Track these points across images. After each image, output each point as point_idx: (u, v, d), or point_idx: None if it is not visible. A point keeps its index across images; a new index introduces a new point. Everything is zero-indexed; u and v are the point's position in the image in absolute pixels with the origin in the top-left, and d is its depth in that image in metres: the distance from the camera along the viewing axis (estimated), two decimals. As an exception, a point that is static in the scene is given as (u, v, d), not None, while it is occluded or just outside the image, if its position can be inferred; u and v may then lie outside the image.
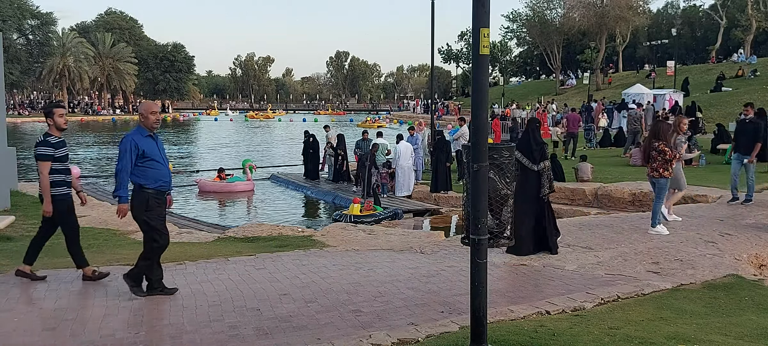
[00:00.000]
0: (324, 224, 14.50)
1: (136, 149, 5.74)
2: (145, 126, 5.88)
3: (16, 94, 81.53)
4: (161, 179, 5.87)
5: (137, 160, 5.75)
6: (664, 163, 9.04)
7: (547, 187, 7.86)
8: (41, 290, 6.03)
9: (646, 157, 9.28)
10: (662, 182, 9.15)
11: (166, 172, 5.99)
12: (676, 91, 40.06)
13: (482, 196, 3.97)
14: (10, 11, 67.51)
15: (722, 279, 6.82)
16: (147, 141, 5.84)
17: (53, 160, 6.24)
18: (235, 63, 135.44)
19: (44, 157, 6.19)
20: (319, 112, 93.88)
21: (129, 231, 10.38)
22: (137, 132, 5.86)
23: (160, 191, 5.87)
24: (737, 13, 61.46)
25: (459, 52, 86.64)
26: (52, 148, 6.26)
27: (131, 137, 5.77)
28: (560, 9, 61.30)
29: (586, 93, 53.16)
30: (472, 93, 3.93)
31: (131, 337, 4.82)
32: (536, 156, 7.81)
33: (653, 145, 9.10)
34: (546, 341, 4.53)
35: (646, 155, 9.27)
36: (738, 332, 5.08)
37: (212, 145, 41.41)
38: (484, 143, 3.92)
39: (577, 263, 7.54)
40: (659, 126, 9.38)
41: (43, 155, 6.19)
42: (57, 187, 6.28)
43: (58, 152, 6.31)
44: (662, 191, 9.21)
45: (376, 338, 4.66)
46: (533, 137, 7.98)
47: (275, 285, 6.37)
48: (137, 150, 5.74)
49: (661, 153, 9.01)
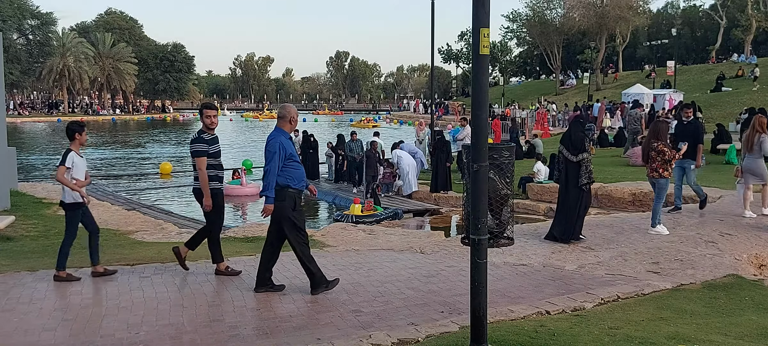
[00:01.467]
0: (324, 224, 14.50)
1: (284, 151, 5.91)
2: (287, 129, 6.08)
3: (16, 94, 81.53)
4: (302, 179, 6.12)
5: (284, 162, 5.93)
6: (663, 163, 9.04)
7: (584, 177, 8.56)
8: (41, 290, 6.03)
9: (646, 158, 9.28)
10: (662, 182, 9.15)
11: (302, 172, 6.22)
12: (677, 91, 40.10)
13: (482, 196, 3.97)
14: (10, 11, 67.46)
15: (722, 279, 6.82)
16: (289, 143, 6.03)
17: (207, 156, 6.52)
18: (235, 63, 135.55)
19: (200, 153, 6.49)
20: (319, 113, 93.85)
21: (129, 231, 10.39)
22: (281, 133, 6.01)
23: (300, 191, 6.11)
24: (737, 13, 61.46)
25: (459, 52, 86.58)
26: (206, 144, 6.55)
27: (279, 139, 5.92)
28: (560, 9, 61.32)
29: (586, 93, 53.21)
30: (472, 93, 3.93)
31: (131, 337, 4.82)
32: (575, 149, 8.56)
33: (653, 145, 9.10)
34: (546, 341, 4.53)
35: (646, 155, 9.28)
36: (738, 332, 5.08)
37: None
38: (484, 143, 3.92)
39: (577, 263, 7.54)
40: (659, 126, 9.37)
41: (198, 151, 6.50)
42: (211, 182, 6.55)
43: (212, 149, 6.61)
44: (662, 191, 9.21)
45: (376, 338, 4.66)
46: (574, 132, 8.79)
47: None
48: (285, 152, 5.91)
49: (660, 153, 9.02)
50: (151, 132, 53.37)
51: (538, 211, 14.00)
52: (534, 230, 9.79)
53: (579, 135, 8.70)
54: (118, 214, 12.49)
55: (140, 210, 14.19)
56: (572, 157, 8.61)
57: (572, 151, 8.64)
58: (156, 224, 11.75)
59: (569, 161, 8.65)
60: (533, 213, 13.99)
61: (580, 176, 8.57)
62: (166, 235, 10.24)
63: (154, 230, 10.75)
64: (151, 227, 11.19)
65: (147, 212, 13.92)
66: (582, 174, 8.56)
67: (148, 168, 27.85)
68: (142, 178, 25.02)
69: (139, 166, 29.12)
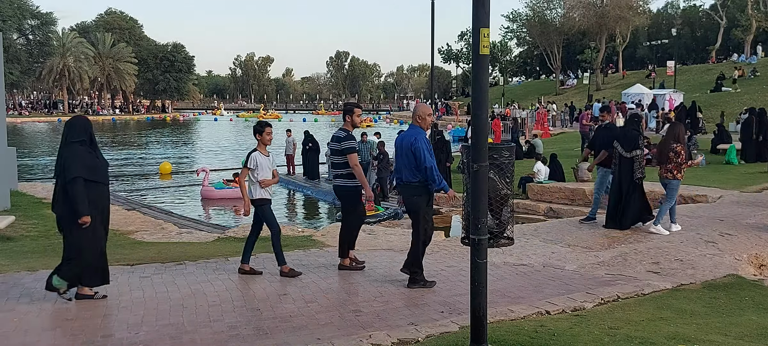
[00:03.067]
0: (324, 224, 14.50)
1: (428, 147, 6.27)
2: (422, 126, 6.38)
3: (16, 94, 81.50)
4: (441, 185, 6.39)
5: None
6: (678, 165, 9.13)
7: (638, 172, 9.34)
8: (41, 291, 6.02)
9: (663, 158, 9.29)
10: (675, 183, 9.22)
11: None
12: (677, 91, 40.10)
13: (482, 196, 3.97)
14: (10, 11, 67.43)
15: (722, 279, 6.82)
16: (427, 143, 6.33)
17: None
18: (235, 63, 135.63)
19: (352, 150, 6.79)
20: (317, 113, 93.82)
21: (129, 231, 10.39)
22: (418, 131, 6.31)
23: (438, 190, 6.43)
24: (737, 13, 61.45)
25: (459, 52, 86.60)
26: (355, 141, 6.98)
27: (422, 138, 6.25)
28: (560, 9, 61.32)
29: (586, 93, 53.20)
30: (472, 93, 3.93)
31: (131, 337, 4.82)
32: (628, 146, 9.31)
33: (672, 146, 9.16)
34: (546, 341, 4.53)
35: (663, 156, 9.30)
36: (738, 332, 5.08)
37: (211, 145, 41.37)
38: (484, 143, 3.92)
39: (577, 263, 7.54)
40: (678, 128, 9.51)
41: (352, 148, 6.81)
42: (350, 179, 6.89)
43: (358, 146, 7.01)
44: (674, 192, 9.29)
45: (376, 338, 4.66)
46: (628, 130, 9.65)
47: (275, 285, 6.37)
48: (428, 148, 6.26)
49: (678, 155, 9.08)
50: (151, 132, 53.34)
51: (538, 211, 14.00)
52: (534, 230, 9.79)
53: (633, 133, 9.43)
54: (118, 214, 12.48)
55: (140, 210, 14.19)
56: (626, 153, 9.34)
57: (626, 147, 9.34)
58: (156, 224, 11.75)
59: (623, 157, 9.37)
60: (533, 213, 13.98)
61: (635, 171, 9.32)
62: (166, 235, 10.24)
63: (154, 230, 10.74)
64: (151, 227, 11.19)
65: (147, 212, 13.92)
66: (636, 169, 9.32)
67: (149, 168, 27.85)
68: (142, 178, 25.04)
69: (140, 166, 29.13)
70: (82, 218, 5.47)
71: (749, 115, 20.44)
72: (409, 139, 6.26)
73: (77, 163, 5.51)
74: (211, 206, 18.03)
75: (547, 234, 9.37)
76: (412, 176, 6.26)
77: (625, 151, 9.33)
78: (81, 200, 5.46)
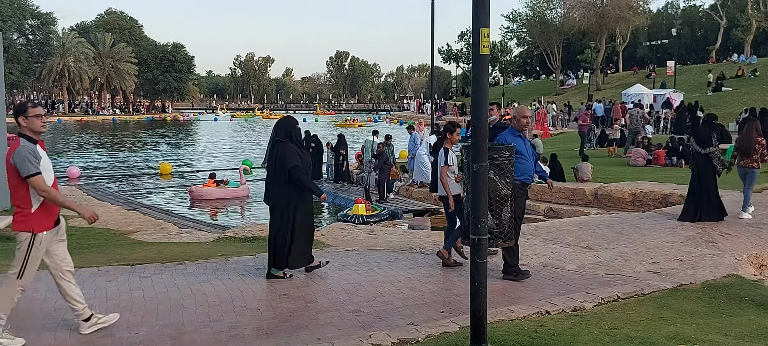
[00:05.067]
0: (324, 224, 14.50)
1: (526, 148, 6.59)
2: (517, 127, 6.77)
3: (16, 94, 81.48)
4: (526, 172, 6.76)
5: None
6: (761, 156, 10.26)
7: (719, 166, 10.06)
8: (41, 291, 6.02)
9: (747, 151, 10.29)
10: (756, 171, 10.34)
11: (530, 167, 6.86)
12: (677, 91, 40.12)
13: (482, 196, 3.96)
14: (10, 11, 67.40)
15: (722, 279, 6.82)
16: (517, 140, 6.65)
17: None
18: (235, 63, 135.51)
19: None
20: (316, 113, 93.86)
21: (129, 231, 10.39)
22: (510, 132, 6.71)
23: (524, 183, 6.77)
24: (737, 13, 61.47)
25: (459, 52, 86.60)
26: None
27: (504, 136, 6.62)
28: (560, 9, 61.33)
29: (586, 93, 53.22)
30: (472, 93, 3.93)
31: (131, 337, 4.82)
32: (703, 143, 9.98)
33: (755, 139, 10.22)
34: (546, 341, 4.53)
35: (747, 149, 10.29)
36: (738, 332, 5.08)
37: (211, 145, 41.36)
38: (484, 143, 3.91)
39: (577, 263, 7.54)
40: (756, 124, 10.57)
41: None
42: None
43: None
44: (754, 179, 10.36)
45: (376, 338, 4.66)
46: (702, 128, 10.36)
47: (275, 285, 6.37)
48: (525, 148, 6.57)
49: (762, 147, 10.17)
50: (151, 132, 53.34)
51: (538, 211, 14.00)
52: (534, 230, 9.79)
53: (707, 131, 10.17)
54: (118, 214, 12.49)
55: (140, 210, 14.19)
56: (701, 150, 10.03)
57: (701, 145, 10.05)
58: (156, 224, 11.74)
59: (698, 153, 10.12)
60: (533, 213, 13.97)
61: (716, 166, 10.11)
62: (166, 235, 10.24)
63: (154, 230, 10.74)
64: (151, 227, 11.18)
65: (147, 212, 13.92)
66: (716, 164, 10.09)
67: (149, 168, 27.85)
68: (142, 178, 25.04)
69: (140, 166, 29.14)
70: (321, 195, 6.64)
71: (749, 115, 20.46)
72: (501, 139, 6.66)
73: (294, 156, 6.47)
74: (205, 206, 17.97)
75: (547, 234, 9.37)
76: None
77: (701, 147, 10.02)
78: (308, 180, 6.50)
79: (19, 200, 4.53)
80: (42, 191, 4.49)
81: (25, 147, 4.50)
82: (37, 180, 4.45)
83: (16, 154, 4.45)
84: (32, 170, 4.43)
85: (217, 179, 19.41)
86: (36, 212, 4.55)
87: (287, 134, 6.64)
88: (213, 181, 19.21)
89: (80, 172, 24.19)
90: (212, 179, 19.33)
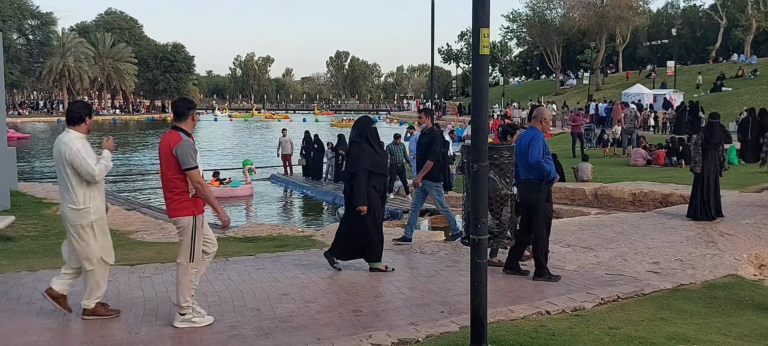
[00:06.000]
0: (324, 224, 14.50)
1: (545, 147, 6.71)
2: (543, 129, 6.86)
3: (16, 94, 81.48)
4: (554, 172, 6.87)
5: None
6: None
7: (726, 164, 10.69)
8: (41, 290, 6.02)
9: None
10: None
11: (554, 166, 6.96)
12: (677, 91, 40.12)
13: (482, 196, 3.96)
14: (10, 11, 67.40)
15: (722, 279, 6.82)
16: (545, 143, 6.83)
17: None
18: (235, 63, 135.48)
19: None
20: (316, 113, 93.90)
21: (129, 231, 10.39)
22: (536, 132, 6.77)
23: (553, 182, 6.88)
24: (737, 13, 61.45)
25: (459, 52, 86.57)
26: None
27: (540, 137, 6.74)
28: (560, 9, 61.30)
29: (586, 93, 53.21)
30: (472, 93, 3.93)
31: (131, 337, 4.82)
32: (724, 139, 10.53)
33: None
34: (546, 341, 4.53)
35: None
36: (738, 332, 5.08)
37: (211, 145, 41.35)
38: (484, 143, 3.91)
39: (577, 263, 7.54)
40: None
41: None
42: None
43: None
44: None
45: (376, 338, 4.66)
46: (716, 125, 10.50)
47: (275, 285, 6.37)
48: (545, 148, 6.70)
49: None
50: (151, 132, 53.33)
51: (538, 211, 13.99)
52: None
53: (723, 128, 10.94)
54: (118, 214, 12.48)
55: (140, 210, 14.19)
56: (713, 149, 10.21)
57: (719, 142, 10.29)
58: (156, 224, 11.74)
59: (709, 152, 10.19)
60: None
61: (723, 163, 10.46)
62: (166, 235, 10.23)
63: (154, 230, 10.74)
64: (151, 227, 11.18)
65: (147, 212, 13.92)
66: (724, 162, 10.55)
67: (149, 168, 27.84)
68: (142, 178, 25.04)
69: (140, 166, 29.13)
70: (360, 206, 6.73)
71: (749, 115, 20.45)
72: (526, 138, 6.74)
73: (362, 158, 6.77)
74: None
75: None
76: (529, 173, 6.67)
77: (712, 147, 10.17)
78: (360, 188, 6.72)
79: (177, 188, 4.95)
80: (197, 183, 4.91)
81: (188, 142, 4.94)
82: (195, 173, 4.89)
83: (180, 147, 4.87)
84: (192, 164, 4.88)
85: (220, 178, 19.45)
86: (193, 197, 4.99)
87: (362, 134, 6.95)
88: (216, 179, 19.20)
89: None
90: (215, 178, 19.33)
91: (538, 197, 6.68)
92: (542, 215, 6.68)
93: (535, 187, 6.67)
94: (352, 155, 6.92)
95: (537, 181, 6.67)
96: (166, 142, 4.93)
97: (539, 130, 6.83)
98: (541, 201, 6.69)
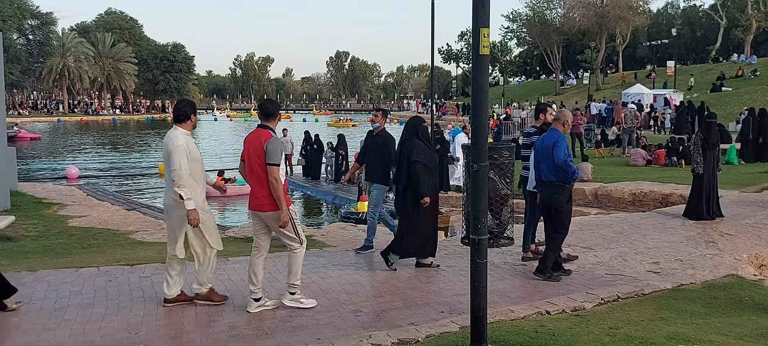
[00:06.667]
0: (324, 224, 14.49)
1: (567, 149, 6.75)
2: (564, 132, 6.88)
3: (16, 94, 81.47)
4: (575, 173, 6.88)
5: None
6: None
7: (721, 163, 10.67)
8: (41, 291, 6.02)
9: None
10: None
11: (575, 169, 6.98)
12: (677, 91, 40.11)
13: (482, 196, 3.96)
14: (10, 11, 67.40)
15: (722, 279, 6.82)
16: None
17: None
18: (235, 63, 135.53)
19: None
20: (315, 113, 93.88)
21: (129, 231, 10.39)
22: (559, 134, 6.79)
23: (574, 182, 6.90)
24: (737, 13, 61.45)
25: (459, 52, 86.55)
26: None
27: (564, 138, 6.79)
28: (560, 9, 61.32)
29: (586, 93, 53.20)
30: (472, 93, 3.93)
31: (131, 337, 4.82)
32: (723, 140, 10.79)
33: None
34: (546, 341, 4.53)
35: None
36: (738, 332, 5.08)
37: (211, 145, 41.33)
38: (484, 143, 3.91)
39: (577, 263, 7.53)
40: None
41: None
42: None
43: None
44: None
45: (376, 338, 4.66)
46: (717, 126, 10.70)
47: (275, 285, 6.36)
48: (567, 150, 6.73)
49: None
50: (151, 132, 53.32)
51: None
52: (534, 230, 9.78)
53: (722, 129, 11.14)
54: (118, 214, 12.48)
55: (140, 210, 14.18)
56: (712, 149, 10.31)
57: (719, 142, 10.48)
58: (156, 224, 11.73)
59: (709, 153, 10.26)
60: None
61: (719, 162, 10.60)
62: (166, 235, 10.23)
63: (154, 230, 10.73)
64: (151, 227, 11.18)
65: (147, 212, 13.91)
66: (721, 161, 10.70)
67: (149, 168, 27.85)
68: (142, 178, 25.04)
69: (140, 166, 29.14)
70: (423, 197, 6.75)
71: (749, 115, 20.44)
72: (550, 140, 6.75)
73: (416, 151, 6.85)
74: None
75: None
76: (552, 175, 6.67)
77: (712, 148, 10.25)
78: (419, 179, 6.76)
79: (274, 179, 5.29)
80: (275, 179, 5.28)
81: (278, 140, 5.43)
82: (275, 170, 5.29)
83: (271, 143, 5.29)
84: (276, 160, 5.29)
85: (225, 177, 19.41)
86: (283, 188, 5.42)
87: (413, 132, 7.10)
88: (221, 178, 19.13)
89: (80, 172, 24.18)
90: (220, 177, 19.30)
91: (560, 199, 6.71)
92: (561, 216, 6.72)
93: (558, 189, 6.69)
94: (405, 152, 6.98)
95: (560, 183, 6.69)
96: (257, 139, 5.33)
97: (561, 133, 6.87)
98: (563, 203, 6.72)
